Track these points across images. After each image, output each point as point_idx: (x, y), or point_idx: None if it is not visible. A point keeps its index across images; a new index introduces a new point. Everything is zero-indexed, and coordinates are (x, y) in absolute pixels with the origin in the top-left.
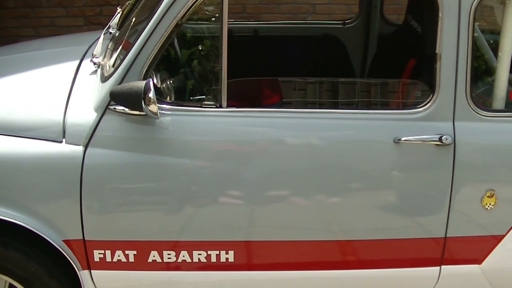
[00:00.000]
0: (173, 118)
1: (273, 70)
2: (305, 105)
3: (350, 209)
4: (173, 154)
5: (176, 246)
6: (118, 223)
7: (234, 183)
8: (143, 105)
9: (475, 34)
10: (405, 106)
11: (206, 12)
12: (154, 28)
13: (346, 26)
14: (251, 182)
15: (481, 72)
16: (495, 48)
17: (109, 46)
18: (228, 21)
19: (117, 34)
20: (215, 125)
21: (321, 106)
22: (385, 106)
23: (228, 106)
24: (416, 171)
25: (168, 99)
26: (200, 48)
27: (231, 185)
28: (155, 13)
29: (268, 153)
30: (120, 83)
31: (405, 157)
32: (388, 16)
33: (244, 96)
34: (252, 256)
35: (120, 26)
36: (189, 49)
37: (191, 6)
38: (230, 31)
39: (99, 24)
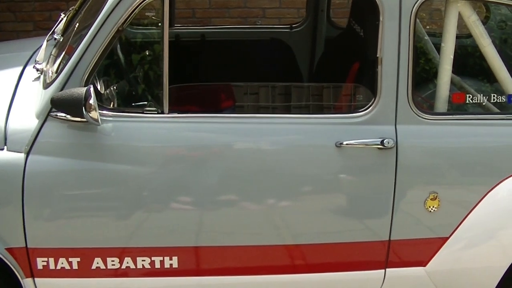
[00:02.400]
0: (115, 124)
1: (222, 75)
2: (257, 109)
3: (296, 213)
4: (115, 160)
5: (120, 253)
6: (61, 230)
7: (177, 189)
8: (84, 112)
9: (426, 38)
10: (347, 110)
11: (153, 18)
12: (95, 34)
13: (293, 30)
14: (193, 188)
15: (425, 75)
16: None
17: (53, 52)
18: (176, 26)
19: (61, 40)
20: (157, 131)
21: (274, 110)
22: (328, 110)
23: (172, 111)
24: (359, 175)
25: (111, 105)
26: (143, 54)
27: (174, 191)
28: (96, 19)
29: (210, 158)
30: (62, 89)
31: (347, 160)
32: (337, 20)
33: (195, 101)
34: (198, 261)
35: (64, 31)
36: (133, 55)
37: (132, 12)
38: (177, 36)
39: (48, 29)
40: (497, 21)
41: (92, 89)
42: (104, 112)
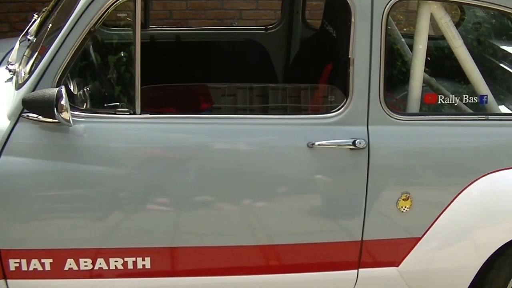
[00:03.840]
0: (87, 125)
1: (197, 76)
2: (235, 110)
3: (270, 214)
4: (87, 161)
5: (92, 254)
6: (33, 231)
7: (150, 190)
8: (56, 113)
9: (402, 40)
10: (320, 111)
11: (128, 19)
12: (67, 35)
13: (269, 31)
14: (167, 189)
15: (402, 76)
16: None
17: (26, 53)
18: (151, 27)
19: (34, 41)
20: (129, 132)
21: (252, 111)
22: (302, 110)
23: (144, 112)
24: (331, 175)
25: (84, 106)
26: (117, 55)
27: (147, 191)
28: (68, 19)
29: (183, 159)
30: (34, 90)
31: (319, 161)
32: (313, 21)
33: (171, 102)
34: (172, 262)
35: (37, 32)
36: (106, 55)
37: (104, 13)
38: (152, 37)
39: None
40: (472, 23)
41: (63, 89)
42: (76, 113)
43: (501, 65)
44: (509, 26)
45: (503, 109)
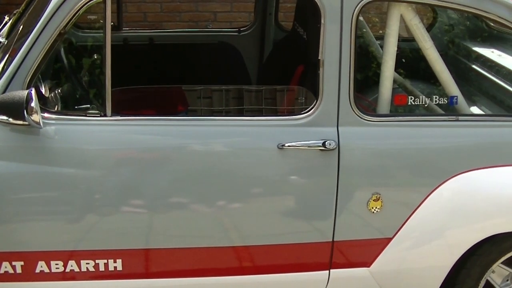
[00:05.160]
0: (58, 127)
1: (171, 78)
2: (210, 113)
3: (243, 215)
4: (58, 163)
5: (63, 256)
6: (4, 234)
7: (121, 192)
8: (26, 115)
9: (375, 41)
10: (290, 112)
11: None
12: (37, 37)
13: (242, 33)
14: (137, 190)
15: (376, 78)
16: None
17: None
18: (124, 30)
19: (5, 43)
20: (99, 134)
21: (227, 114)
22: (274, 112)
23: (115, 114)
24: (302, 176)
25: (56, 108)
26: (88, 57)
27: (118, 193)
28: (38, 21)
29: (153, 161)
30: (3, 92)
31: (290, 162)
32: (287, 23)
33: (145, 105)
34: (145, 264)
35: (8, 35)
36: (78, 58)
37: (74, 15)
38: (125, 39)
39: None
40: (445, 25)
41: (34, 92)
42: (47, 115)
43: (474, 66)
44: (483, 28)
45: (475, 110)
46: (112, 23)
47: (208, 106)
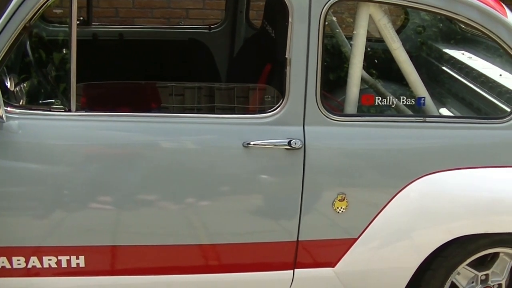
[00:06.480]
0: (22, 122)
1: (140, 74)
2: (183, 110)
3: (209, 213)
4: (22, 158)
5: (25, 252)
6: None
7: (85, 187)
8: None
9: (346, 41)
10: (256, 111)
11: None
12: (1, 30)
13: (212, 30)
14: (101, 186)
15: (340, 77)
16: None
17: None
18: (94, 25)
19: None
20: (63, 129)
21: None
22: (238, 110)
23: (81, 110)
24: (267, 175)
25: (21, 102)
26: (55, 52)
27: (82, 189)
28: (2, 14)
29: (116, 157)
30: None
31: (255, 161)
32: (258, 21)
33: (114, 100)
34: (110, 261)
35: None
36: (45, 52)
37: (39, 9)
38: (94, 34)
39: None
40: (416, 26)
41: None
42: (10, 109)
43: (444, 68)
44: (456, 30)
45: (445, 111)
46: (81, 18)
47: (180, 103)
